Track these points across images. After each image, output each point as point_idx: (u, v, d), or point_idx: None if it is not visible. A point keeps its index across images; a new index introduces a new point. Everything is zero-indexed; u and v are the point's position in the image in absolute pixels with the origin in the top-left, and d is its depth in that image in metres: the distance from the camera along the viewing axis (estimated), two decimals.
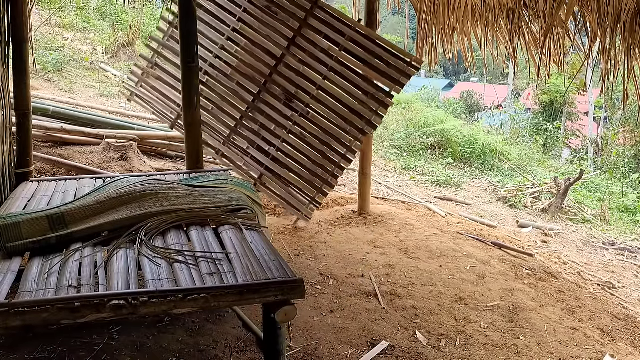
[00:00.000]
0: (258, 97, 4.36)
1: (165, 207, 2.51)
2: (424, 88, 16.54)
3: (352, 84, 4.21)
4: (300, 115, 4.28)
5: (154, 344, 2.53)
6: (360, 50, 4.17)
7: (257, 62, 4.35)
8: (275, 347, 2.07)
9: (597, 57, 3.65)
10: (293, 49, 4.29)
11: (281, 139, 4.33)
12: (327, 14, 4.23)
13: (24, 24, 3.21)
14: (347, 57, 4.21)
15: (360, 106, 4.20)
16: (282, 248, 3.94)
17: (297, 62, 4.29)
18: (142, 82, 4.72)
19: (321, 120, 4.27)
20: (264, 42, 4.33)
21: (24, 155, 3.32)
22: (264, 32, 4.33)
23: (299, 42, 4.27)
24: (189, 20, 3.43)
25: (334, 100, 4.24)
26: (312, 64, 4.26)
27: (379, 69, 4.14)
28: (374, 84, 4.19)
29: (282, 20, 4.29)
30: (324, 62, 4.24)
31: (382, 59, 4.14)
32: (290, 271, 2.07)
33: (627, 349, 3.20)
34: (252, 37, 4.35)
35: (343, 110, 4.23)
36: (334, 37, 4.21)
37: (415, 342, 2.89)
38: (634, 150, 12.04)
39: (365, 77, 4.19)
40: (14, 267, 2.10)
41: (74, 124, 5.26)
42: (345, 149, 4.26)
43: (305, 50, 4.27)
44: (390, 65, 4.13)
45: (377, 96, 4.17)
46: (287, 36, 4.28)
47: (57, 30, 9.52)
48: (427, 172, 8.12)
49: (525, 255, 4.48)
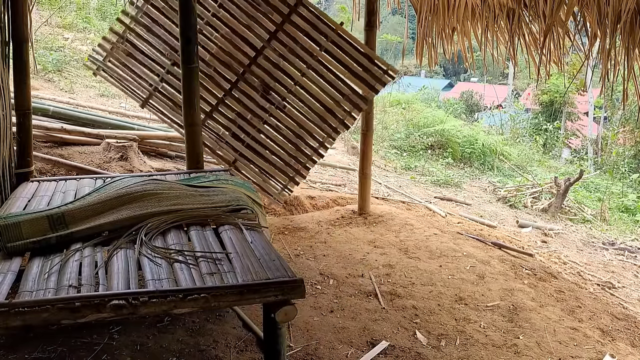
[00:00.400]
0: (235, 86, 4.35)
1: (165, 207, 2.51)
2: (423, 88, 16.54)
3: (329, 84, 4.32)
4: (277, 108, 4.34)
5: (154, 343, 2.53)
6: (340, 52, 4.27)
7: (236, 51, 4.33)
8: (275, 347, 2.08)
9: (597, 57, 3.65)
10: (274, 42, 4.30)
11: (256, 128, 4.36)
12: (311, 13, 4.26)
13: (24, 24, 3.21)
14: (327, 57, 4.28)
15: (335, 106, 4.31)
16: (282, 248, 3.95)
17: (277, 56, 4.31)
18: (111, 57, 4.52)
19: (296, 114, 4.36)
20: (245, 32, 4.31)
21: (24, 155, 3.32)
22: (245, 22, 4.31)
23: (280, 36, 4.28)
24: (188, 21, 3.44)
25: (311, 97, 4.33)
26: (292, 59, 4.30)
27: (356, 73, 4.27)
28: (350, 87, 4.31)
29: (264, 12, 4.28)
30: (303, 60, 4.29)
31: (360, 64, 4.26)
32: (290, 271, 2.07)
33: (627, 349, 3.20)
34: (233, 25, 4.31)
35: (318, 107, 4.32)
36: (315, 36, 4.26)
37: (415, 342, 2.89)
38: (633, 150, 12.04)
39: (342, 79, 4.29)
40: (14, 267, 2.11)
41: (74, 124, 5.26)
42: (318, 144, 4.37)
43: (286, 46, 4.29)
44: (367, 70, 4.26)
45: (352, 98, 4.30)
46: (268, 29, 4.28)
47: (57, 30, 9.53)
48: (427, 172, 8.12)
49: (525, 255, 4.48)
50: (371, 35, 4.62)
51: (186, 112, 3.55)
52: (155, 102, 4.44)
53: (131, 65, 4.46)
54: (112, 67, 4.51)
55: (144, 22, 4.42)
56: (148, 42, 4.42)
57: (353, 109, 4.32)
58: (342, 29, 4.27)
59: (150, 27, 4.38)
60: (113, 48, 4.48)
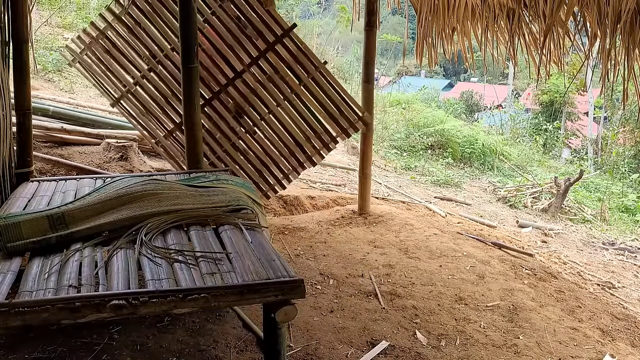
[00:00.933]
0: (209, 103, 4.31)
1: (165, 207, 2.51)
2: (423, 88, 16.53)
3: (303, 119, 4.36)
4: (247, 132, 4.36)
5: (154, 343, 2.53)
6: (319, 90, 4.32)
7: (215, 69, 4.29)
8: (275, 347, 2.08)
9: (597, 57, 3.65)
10: (254, 68, 4.29)
11: (223, 148, 4.35)
12: (296, 47, 4.27)
13: (24, 24, 3.21)
14: (305, 93, 4.32)
15: (305, 141, 4.37)
16: (282, 248, 3.95)
17: (255, 81, 4.31)
18: (88, 50, 4.41)
19: (265, 142, 4.39)
20: (227, 51, 4.27)
21: (24, 155, 3.32)
22: (228, 41, 4.27)
23: (261, 62, 4.29)
24: (189, 21, 3.44)
25: (282, 128, 4.37)
26: (270, 88, 4.32)
27: (332, 114, 4.33)
28: (323, 126, 4.37)
29: (250, 35, 4.26)
30: (281, 90, 4.32)
31: (337, 106, 4.32)
32: (290, 271, 2.07)
33: (627, 349, 3.20)
34: (216, 42, 4.28)
35: (288, 140, 4.38)
36: (297, 70, 4.29)
37: (415, 342, 2.89)
38: (633, 150, 12.05)
39: (317, 116, 4.36)
40: (14, 267, 2.11)
41: (74, 124, 5.26)
42: (282, 175, 4.43)
43: (266, 73, 4.31)
44: (342, 114, 4.34)
45: (323, 137, 4.38)
46: (251, 54, 4.27)
47: (57, 30, 9.52)
48: (427, 172, 8.12)
49: (525, 255, 4.48)
50: (371, 35, 4.62)
51: (186, 112, 3.55)
52: (127, 104, 4.41)
53: (107, 63, 4.38)
54: (88, 61, 4.42)
55: (127, 23, 4.35)
56: (128, 44, 4.37)
57: (322, 148, 4.41)
58: (325, 68, 4.34)
59: (132, 28, 4.34)
60: (92, 42, 4.39)
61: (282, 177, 4.42)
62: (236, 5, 4.23)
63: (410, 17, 5.56)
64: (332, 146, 4.42)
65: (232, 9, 4.23)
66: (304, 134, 4.36)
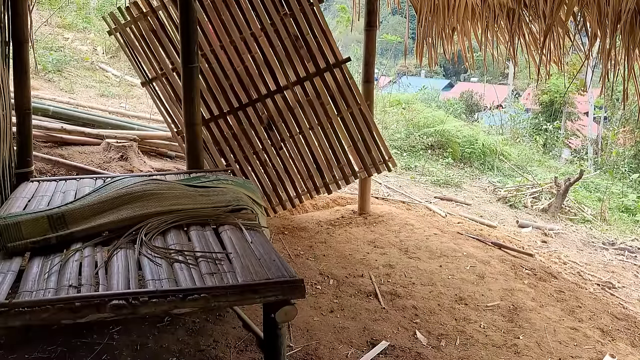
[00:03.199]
0: (243, 109, 4.31)
1: (165, 207, 2.51)
2: (424, 88, 16.52)
3: (331, 147, 4.41)
4: (272, 145, 4.37)
5: (154, 343, 2.53)
6: (354, 125, 4.39)
7: (258, 77, 4.31)
8: (275, 347, 2.08)
9: (597, 57, 3.65)
10: (298, 87, 4.33)
11: (244, 154, 4.35)
12: (344, 79, 4.34)
13: (24, 24, 3.22)
14: (339, 124, 4.38)
15: (327, 169, 4.42)
16: (282, 248, 3.94)
17: (294, 99, 4.34)
18: (134, 24, 4.25)
19: (288, 159, 4.41)
20: (276, 65, 4.29)
21: (24, 155, 3.33)
22: (280, 56, 4.28)
23: (306, 84, 4.33)
24: (189, 21, 3.44)
25: (308, 150, 4.40)
26: (307, 109, 4.35)
27: (359, 150, 4.41)
28: (348, 159, 4.43)
29: (303, 56, 4.29)
30: (317, 115, 4.36)
31: (366, 144, 4.40)
32: (290, 271, 2.07)
33: (627, 349, 3.20)
34: (267, 53, 4.28)
35: (311, 162, 4.43)
36: (339, 101, 4.35)
37: (415, 342, 2.89)
38: (634, 150, 12.04)
39: (345, 149, 4.43)
40: (14, 267, 2.11)
41: (74, 124, 5.26)
42: (295, 194, 4.48)
43: (307, 95, 4.34)
44: (369, 152, 4.43)
45: (345, 170, 4.45)
46: (299, 73, 4.31)
47: (57, 30, 9.53)
48: (427, 172, 8.12)
49: (525, 255, 4.48)
50: (371, 35, 4.62)
51: (187, 112, 3.55)
52: (158, 87, 4.31)
53: (150, 41, 4.24)
54: (130, 35, 4.27)
55: None
56: (177, 28, 4.18)
57: (341, 179, 4.47)
58: (366, 106, 4.41)
59: None
60: (139, 17, 4.22)
61: (294, 195, 4.47)
62: (297, 24, 4.24)
63: (410, 17, 5.56)
64: (351, 180, 4.49)
65: (293, 27, 4.25)
66: (327, 161, 4.42)
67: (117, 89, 7.99)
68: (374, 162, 4.45)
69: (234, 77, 4.29)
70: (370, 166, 4.45)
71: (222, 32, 4.25)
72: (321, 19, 4.31)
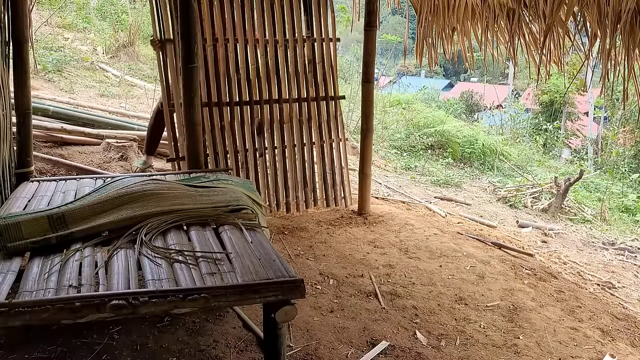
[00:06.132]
0: (241, 104, 4.33)
1: (165, 207, 2.51)
2: (424, 88, 16.53)
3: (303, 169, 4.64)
4: (254, 150, 4.40)
5: (154, 343, 2.53)
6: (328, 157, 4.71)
7: (265, 82, 4.39)
8: (275, 347, 2.08)
9: (597, 57, 3.64)
10: (295, 105, 4.52)
11: (225, 150, 4.30)
12: (335, 112, 4.71)
13: (24, 24, 3.21)
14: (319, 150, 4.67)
15: (292, 188, 4.59)
16: (282, 248, 3.94)
17: (289, 115, 4.49)
18: None
19: (263, 167, 4.49)
20: (284, 77, 4.45)
21: (24, 155, 3.32)
22: (289, 67, 4.45)
23: (303, 105, 4.54)
24: (188, 20, 3.43)
25: (282, 166, 4.53)
26: (296, 127, 4.53)
27: (326, 180, 4.75)
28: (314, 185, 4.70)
29: (308, 79, 4.52)
30: (302, 136, 4.56)
31: (334, 177, 4.78)
32: (290, 271, 2.07)
33: (627, 349, 3.20)
34: (280, 61, 4.43)
35: (281, 178, 4.54)
36: (324, 129, 4.66)
37: (415, 342, 2.89)
38: (634, 150, 12.04)
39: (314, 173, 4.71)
40: (14, 267, 2.10)
41: (74, 124, 5.27)
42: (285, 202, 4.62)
43: (301, 115, 4.54)
44: (334, 186, 4.78)
45: (307, 194, 4.70)
46: (300, 92, 4.50)
47: (57, 30, 9.53)
48: (427, 172, 8.12)
49: (525, 255, 4.48)
50: (371, 35, 4.62)
51: (187, 112, 3.55)
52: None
53: None
54: None
55: None
56: None
57: (302, 201, 4.65)
58: (345, 144, 4.77)
59: None
60: None
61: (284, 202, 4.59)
62: (313, 52, 4.52)
63: (410, 17, 5.55)
64: (310, 206, 4.66)
65: (310, 50, 4.51)
66: (296, 181, 4.61)
67: (117, 89, 7.98)
68: (335, 196, 4.74)
69: (244, 72, 4.33)
70: (331, 199, 4.72)
71: (250, 28, 4.31)
72: (333, 55, 4.65)
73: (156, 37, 3.96)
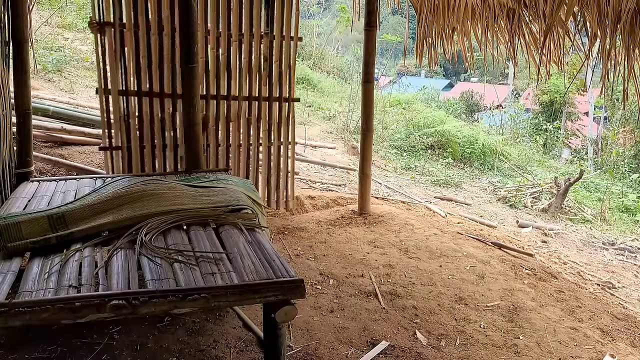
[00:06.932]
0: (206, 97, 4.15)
1: (165, 207, 2.52)
2: (423, 88, 16.53)
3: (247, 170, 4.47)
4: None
5: (154, 343, 2.53)
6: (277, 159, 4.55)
7: (214, 77, 4.19)
8: (275, 347, 2.08)
9: (597, 57, 3.64)
10: (245, 103, 4.31)
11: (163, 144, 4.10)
12: (287, 115, 4.48)
13: (24, 24, 3.22)
14: (265, 151, 4.51)
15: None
16: (282, 248, 3.94)
17: (236, 113, 4.32)
18: None
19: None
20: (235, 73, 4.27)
21: (24, 155, 3.33)
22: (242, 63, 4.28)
23: (253, 104, 4.36)
24: (188, 20, 3.44)
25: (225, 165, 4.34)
26: (243, 126, 4.37)
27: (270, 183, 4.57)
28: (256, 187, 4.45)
29: (262, 77, 4.32)
30: (249, 136, 4.38)
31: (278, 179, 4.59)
32: (290, 271, 2.07)
33: (627, 349, 3.20)
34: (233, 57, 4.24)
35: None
36: (273, 131, 4.45)
37: (415, 342, 2.89)
38: (634, 150, 12.04)
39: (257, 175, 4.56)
40: (14, 267, 2.11)
41: (74, 124, 5.26)
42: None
43: (250, 115, 4.38)
44: (277, 189, 4.62)
45: None
46: (252, 91, 4.30)
47: (57, 30, 9.53)
48: (427, 172, 8.12)
49: (525, 255, 4.48)
50: (371, 35, 4.62)
51: (186, 112, 3.55)
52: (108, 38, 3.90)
53: None
54: None
55: None
56: None
57: None
58: (294, 147, 4.63)
59: None
60: None
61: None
62: (270, 50, 4.30)
63: (410, 17, 5.55)
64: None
65: (267, 48, 4.28)
66: None
67: None
68: (277, 199, 4.63)
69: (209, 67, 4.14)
70: (272, 201, 4.61)
71: (202, 19, 4.07)
72: (293, 55, 4.41)
73: (94, 19, 3.73)
